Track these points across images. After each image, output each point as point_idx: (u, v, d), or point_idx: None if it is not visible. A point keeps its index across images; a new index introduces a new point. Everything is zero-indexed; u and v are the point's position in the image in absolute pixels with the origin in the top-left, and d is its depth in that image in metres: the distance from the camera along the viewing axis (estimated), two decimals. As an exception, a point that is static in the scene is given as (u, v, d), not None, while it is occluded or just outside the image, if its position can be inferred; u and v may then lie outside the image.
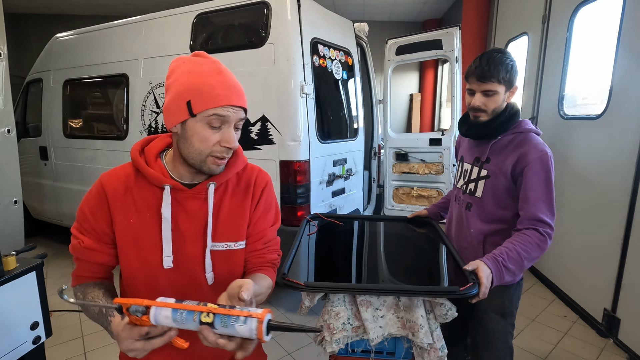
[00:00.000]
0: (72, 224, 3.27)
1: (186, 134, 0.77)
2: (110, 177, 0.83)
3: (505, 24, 4.40)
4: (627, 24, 2.27)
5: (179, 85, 0.75)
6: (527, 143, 1.26)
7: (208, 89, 0.74)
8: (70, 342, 2.36)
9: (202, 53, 0.81)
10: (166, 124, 0.79)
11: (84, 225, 0.83)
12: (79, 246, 0.82)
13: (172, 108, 0.76)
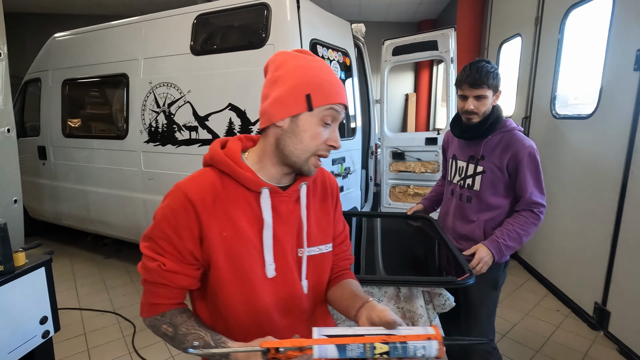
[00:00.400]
0: (71, 223, 3.28)
1: (297, 128, 0.73)
2: (194, 187, 0.73)
3: (498, 26, 4.48)
4: (616, 26, 2.34)
5: (295, 78, 0.72)
6: (516, 141, 1.45)
7: (327, 84, 0.73)
8: (74, 339, 2.39)
9: (306, 51, 0.79)
10: (271, 117, 0.73)
11: (163, 245, 0.72)
12: (160, 269, 0.72)
13: (286, 99, 0.72)
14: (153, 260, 0.73)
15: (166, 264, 0.72)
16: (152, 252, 0.74)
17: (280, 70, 0.74)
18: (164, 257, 0.73)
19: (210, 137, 2.58)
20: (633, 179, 2.16)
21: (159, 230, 0.73)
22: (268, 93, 0.75)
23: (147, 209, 3.01)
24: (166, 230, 0.72)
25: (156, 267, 0.72)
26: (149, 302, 0.76)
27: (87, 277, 3.28)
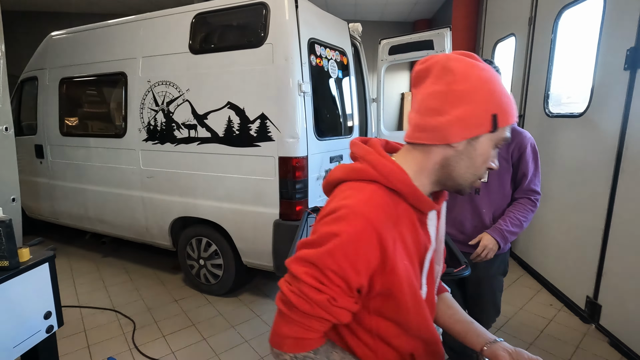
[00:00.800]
0: (69, 222, 3.30)
1: (473, 152, 0.66)
2: (376, 212, 0.62)
3: (493, 25, 4.54)
4: (607, 26, 2.40)
5: (483, 95, 0.63)
6: (519, 134, 1.59)
7: (509, 101, 0.65)
8: (74, 336, 2.40)
9: (475, 56, 0.68)
10: (448, 137, 0.64)
11: (332, 277, 0.62)
12: (329, 304, 0.62)
13: (472, 120, 0.63)
14: (319, 292, 0.62)
15: (337, 300, 0.62)
16: (316, 281, 0.62)
17: (462, 84, 0.63)
18: (331, 290, 0.62)
19: (209, 135, 2.60)
20: (623, 176, 2.21)
21: (331, 260, 0.61)
22: (444, 108, 0.64)
23: (145, 207, 3.02)
24: (342, 263, 0.61)
25: (324, 301, 0.62)
26: (297, 337, 0.64)
27: (86, 276, 3.29)
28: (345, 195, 0.66)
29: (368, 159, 0.68)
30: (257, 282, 3.16)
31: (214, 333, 2.43)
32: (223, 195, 2.64)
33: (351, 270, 0.61)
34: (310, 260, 0.63)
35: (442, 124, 0.64)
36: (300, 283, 0.63)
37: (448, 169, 0.68)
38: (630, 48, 2.15)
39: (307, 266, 0.63)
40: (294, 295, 0.63)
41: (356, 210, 0.62)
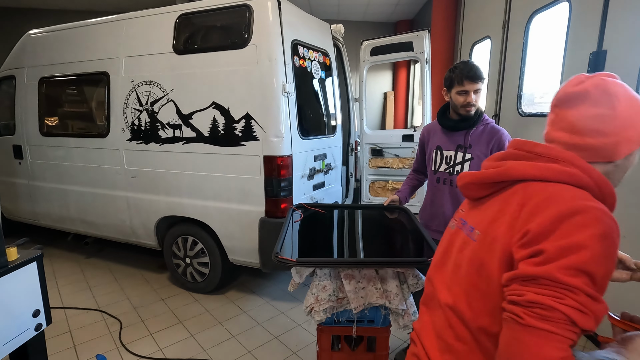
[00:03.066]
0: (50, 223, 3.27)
1: (628, 164, 0.73)
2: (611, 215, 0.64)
3: (470, 28, 4.71)
4: (572, 31, 2.56)
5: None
6: (498, 130, 1.73)
7: None
8: (59, 337, 2.40)
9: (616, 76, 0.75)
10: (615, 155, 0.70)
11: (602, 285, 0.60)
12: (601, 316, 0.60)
13: (636, 138, 0.70)
14: (598, 303, 0.58)
15: (607, 309, 0.60)
16: (594, 292, 0.58)
17: (628, 109, 0.69)
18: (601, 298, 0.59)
19: (195, 135, 2.63)
20: (588, 171, 2.37)
21: (603, 265, 0.59)
22: (609, 129, 0.69)
23: (130, 207, 3.02)
24: (610, 267, 0.60)
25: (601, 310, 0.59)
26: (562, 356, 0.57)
27: (69, 277, 3.26)
28: (572, 196, 0.65)
29: (578, 164, 0.69)
30: (244, 279, 3.21)
31: (201, 329, 2.47)
32: (209, 194, 2.67)
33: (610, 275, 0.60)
34: (583, 267, 0.58)
35: (609, 144, 0.69)
36: (580, 295, 0.57)
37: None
38: (592, 52, 2.31)
39: (580, 275, 0.58)
40: (575, 310, 0.57)
41: (605, 212, 0.62)
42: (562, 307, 0.56)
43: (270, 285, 3.12)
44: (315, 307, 1.30)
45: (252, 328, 2.50)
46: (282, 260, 1.24)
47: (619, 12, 2.14)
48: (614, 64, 2.17)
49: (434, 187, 1.87)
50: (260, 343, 2.34)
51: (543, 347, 0.56)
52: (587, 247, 0.58)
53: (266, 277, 3.24)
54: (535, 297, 0.58)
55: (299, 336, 2.40)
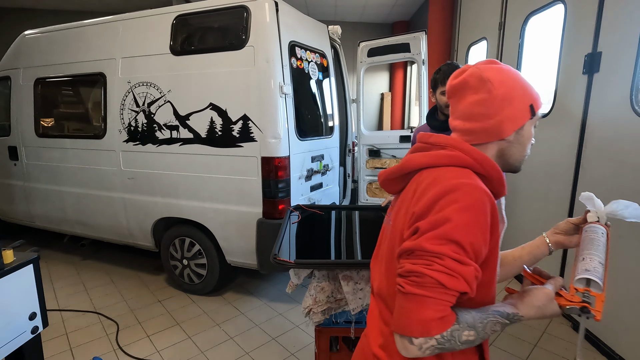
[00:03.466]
0: (46, 225, 3.25)
1: (521, 138, 0.79)
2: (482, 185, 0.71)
3: (466, 29, 4.73)
4: (567, 33, 2.58)
5: (518, 91, 0.76)
6: None
7: (534, 89, 0.79)
8: (56, 339, 2.38)
9: (496, 61, 0.81)
10: (501, 133, 0.77)
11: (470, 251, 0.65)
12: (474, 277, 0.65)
13: (517, 114, 0.76)
14: (465, 265, 0.64)
15: (479, 271, 0.66)
16: (460, 256, 0.64)
17: (501, 89, 0.76)
18: (472, 262, 0.65)
19: (192, 136, 2.63)
20: (583, 172, 2.39)
21: (469, 233, 0.65)
22: (491, 111, 0.76)
23: (127, 209, 3.01)
24: (477, 234, 0.66)
25: (470, 272, 0.65)
26: (441, 316, 0.64)
27: (65, 279, 3.24)
28: (452, 176, 0.71)
29: (460, 147, 0.76)
30: (241, 281, 3.20)
31: (198, 331, 2.47)
32: (206, 195, 2.67)
33: (483, 241, 0.67)
34: (449, 236, 0.65)
35: (494, 124, 0.76)
36: (445, 259, 0.64)
37: (504, 157, 0.80)
38: (587, 54, 2.33)
39: (447, 243, 0.64)
40: (441, 273, 0.63)
41: (476, 185, 0.69)
42: (431, 272, 0.63)
43: (268, 286, 3.12)
44: (313, 309, 1.30)
45: (250, 329, 2.49)
46: (280, 262, 1.24)
47: (614, 15, 2.16)
48: (608, 66, 2.19)
49: None
50: (258, 344, 2.33)
51: (421, 311, 0.63)
52: (452, 219, 0.65)
53: (264, 278, 3.24)
54: (410, 266, 0.65)
55: (297, 337, 2.40)
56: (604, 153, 2.22)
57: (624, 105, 2.05)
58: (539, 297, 0.71)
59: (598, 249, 0.77)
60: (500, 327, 0.70)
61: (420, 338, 0.64)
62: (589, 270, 0.72)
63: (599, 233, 0.81)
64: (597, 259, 0.75)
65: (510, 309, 0.71)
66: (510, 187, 3.37)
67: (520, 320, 0.71)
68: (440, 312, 0.64)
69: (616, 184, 2.09)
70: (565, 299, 0.71)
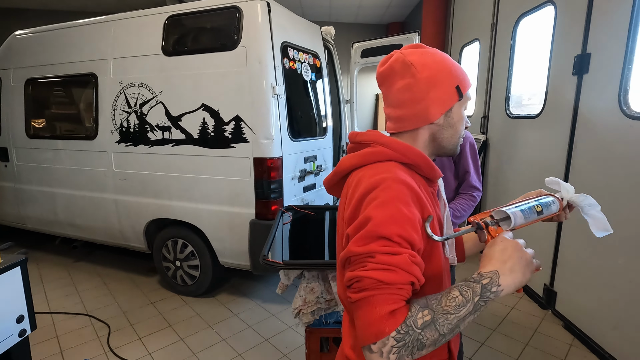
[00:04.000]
0: (37, 226, 3.23)
1: (451, 120, 0.78)
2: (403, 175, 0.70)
3: (460, 30, 4.75)
4: (557, 34, 2.60)
5: (444, 74, 0.75)
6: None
7: (462, 70, 0.78)
8: (46, 342, 2.36)
9: (422, 45, 0.81)
10: (429, 117, 0.76)
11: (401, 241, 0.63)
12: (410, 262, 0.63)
13: (443, 97, 0.75)
14: (397, 255, 0.62)
15: (415, 256, 0.64)
16: (390, 248, 0.62)
17: (425, 72, 0.74)
18: (406, 250, 0.63)
19: (184, 137, 2.62)
20: (573, 172, 2.41)
21: (395, 225, 0.63)
22: (417, 96, 0.75)
23: (119, 210, 2.99)
24: (404, 225, 0.64)
25: (406, 259, 0.62)
26: (391, 310, 0.60)
27: (56, 281, 3.21)
28: (373, 173, 0.70)
29: (381, 141, 0.76)
30: (235, 282, 3.19)
31: (191, 333, 2.45)
32: (199, 196, 2.66)
33: (413, 230, 0.65)
34: (374, 234, 0.63)
35: (421, 109, 0.75)
36: (377, 256, 0.62)
37: (437, 141, 0.80)
38: (577, 55, 2.35)
39: (374, 240, 0.63)
40: (376, 271, 0.61)
41: (395, 178, 0.68)
42: (367, 272, 0.61)
43: (262, 287, 3.11)
44: (303, 310, 1.30)
45: (243, 331, 2.48)
46: (269, 263, 1.24)
47: (602, 16, 2.18)
48: (597, 67, 2.21)
49: None
50: (251, 346, 2.33)
51: (368, 313, 0.61)
52: (373, 216, 0.64)
53: (257, 279, 3.23)
54: (349, 274, 0.64)
55: (290, 338, 2.40)
56: (593, 153, 2.24)
57: (612, 106, 2.07)
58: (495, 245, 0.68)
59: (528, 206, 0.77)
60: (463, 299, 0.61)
61: (377, 343, 0.59)
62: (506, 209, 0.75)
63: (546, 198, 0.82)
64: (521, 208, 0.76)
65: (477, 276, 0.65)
66: (502, 188, 3.39)
67: (500, 293, 0.62)
68: (389, 307, 0.60)
69: (606, 185, 2.11)
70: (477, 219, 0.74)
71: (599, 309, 2.21)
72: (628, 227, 1.96)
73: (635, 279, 1.94)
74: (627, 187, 1.97)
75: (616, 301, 2.07)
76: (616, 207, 2.02)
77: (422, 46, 0.79)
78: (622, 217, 1.99)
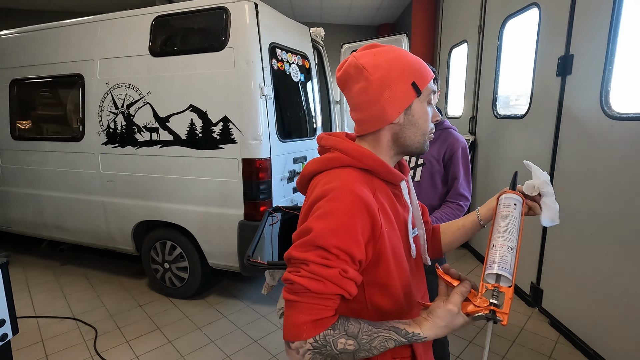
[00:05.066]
0: (23, 229, 3.18)
1: (412, 118, 0.76)
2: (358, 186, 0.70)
3: (448, 32, 4.80)
4: (542, 36, 2.64)
5: (397, 72, 0.73)
6: (452, 136, 1.67)
7: (419, 65, 0.76)
8: (31, 347, 2.32)
9: (376, 44, 0.79)
10: (386, 118, 0.75)
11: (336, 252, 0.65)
12: (339, 277, 0.65)
13: (397, 95, 0.74)
14: (329, 268, 0.65)
15: (347, 271, 0.66)
16: (324, 259, 0.65)
17: (377, 73, 0.73)
18: (340, 264, 0.65)
19: (172, 138, 2.60)
20: (558, 172, 2.45)
21: (334, 237, 0.65)
22: (373, 98, 0.74)
23: (106, 212, 2.96)
24: (343, 237, 0.65)
25: (336, 274, 0.64)
26: (314, 319, 0.64)
27: (43, 285, 3.16)
28: (326, 181, 0.72)
29: (339, 147, 0.77)
30: (224, 284, 3.17)
31: (179, 335, 2.43)
32: (187, 197, 2.64)
33: (353, 242, 0.66)
34: (313, 243, 0.65)
35: (378, 110, 0.75)
36: (310, 265, 0.65)
37: (400, 141, 0.79)
38: (560, 56, 2.39)
39: (312, 249, 0.66)
40: (306, 279, 0.64)
41: (343, 188, 0.69)
42: (298, 278, 0.65)
43: (251, 288, 3.10)
44: (288, 310, 1.30)
45: (232, 332, 2.47)
46: (253, 264, 1.23)
47: (584, 18, 2.22)
48: (580, 68, 2.25)
49: None
50: (240, 347, 2.32)
51: (294, 316, 0.65)
52: (314, 227, 0.66)
53: (247, 280, 3.22)
54: (286, 275, 0.67)
55: (279, 339, 2.39)
56: (577, 153, 2.28)
57: (594, 106, 2.11)
58: (442, 316, 0.66)
59: (508, 229, 0.72)
60: (394, 344, 0.67)
61: (296, 342, 0.65)
62: (496, 262, 0.66)
63: (512, 206, 0.77)
64: (507, 243, 0.69)
65: (412, 327, 0.68)
66: (490, 187, 3.43)
67: (425, 340, 0.67)
68: (313, 316, 0.64)
69: (590, 184, 2.15)
70: (474, 305, 0.65)
71: (582, 306, 2.24)
72: (610, 225, 2.00)
73: (616, 277, 1.98)
74: (609, 186, 2.01)
75: (598, 299, 2.10)
76: (599, 205, 2.06)
77: (376, 46, 0.78)
78: (605, 216, 2.03)
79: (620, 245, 1.95)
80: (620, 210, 1.94)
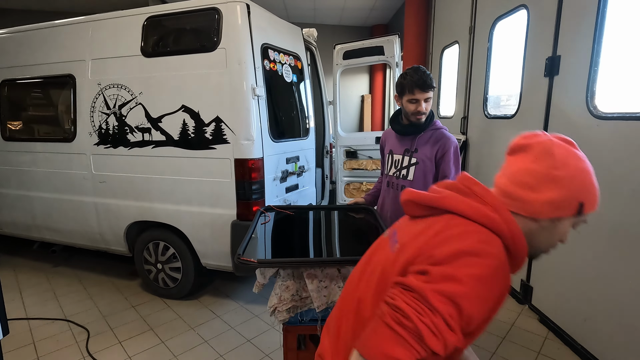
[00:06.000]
0: (14, 231, 3.17)
1: (554, 229, 0.74)
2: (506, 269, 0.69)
3: (440, 33, 4.85)
4: (530, 37, 2.69)
5: (576, 184, 0.72)
6: (444, 136, 1.72)
7: (596, 192, 0.74)
8: (21, 349, 2.31)
9: (574, 143, 0.76)
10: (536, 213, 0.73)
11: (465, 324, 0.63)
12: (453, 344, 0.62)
13: (563, 203, 0.71)
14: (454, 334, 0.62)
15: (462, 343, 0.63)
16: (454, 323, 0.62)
17: (561, 170, 0.71)
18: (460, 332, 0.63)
19: (164, 138, 2.60)
20: (546, 170, 2.49)
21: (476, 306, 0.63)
22: (538, 187, 0.72)
23: (99, 213, 2.95)
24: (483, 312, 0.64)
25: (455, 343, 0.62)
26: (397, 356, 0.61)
27: (34, 287, 3.14)
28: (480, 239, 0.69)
29: (501, 213, 0.73)
30: (217, 284, 3.18)
31: (172, 336, 2.44)
32: (180, 198, 2.64)
33: (480, 318, 0.64)
34: (453, 296, 0.62)
35: (533, 199, 0.72)
36: (438, 318, 0.61)
37: (528, 238, 0.74)
38: (548, 57, 2.43)
39: (447, 302, 0.62)
40: (427, 328, 0.61)
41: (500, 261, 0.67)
42: (418, 321, 0.61)
43: (244, 288, 3.11)
44: (278, 307, 1.31)
45: (225, 332, 2.48)
46: (243, 262, 1.25)
47: (571, 20, 2.26)
48: (567, 69, 2.29)
49: (384, 190, 1.92)
50: (233, 347, 2.32)
51: (391, 347, 0.61)
52: (464, 283, 0.63)
53: (241, 280, 3.23)
54: (402, 304, 0.63)
55: (272, 338, 2.40)
56: (564, 152, 2.31)
57: (580, 106, 2.15)
58: None
59: None
60: None
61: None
62: None
63: None
64: None
65: None
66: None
67: None
68: (401, 354, 0.61)
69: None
70: None
71: (571, 303, 2.28)
72: (597, 223, 2.03)
73: (603, 274, 2.01)
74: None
75: (587, 296, 2.14)
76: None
77: (573, 145, 0.76)
78: (592, 214, 2.06)
79: (607, 243, 1.99)
80: (606, 208, 1.98)
